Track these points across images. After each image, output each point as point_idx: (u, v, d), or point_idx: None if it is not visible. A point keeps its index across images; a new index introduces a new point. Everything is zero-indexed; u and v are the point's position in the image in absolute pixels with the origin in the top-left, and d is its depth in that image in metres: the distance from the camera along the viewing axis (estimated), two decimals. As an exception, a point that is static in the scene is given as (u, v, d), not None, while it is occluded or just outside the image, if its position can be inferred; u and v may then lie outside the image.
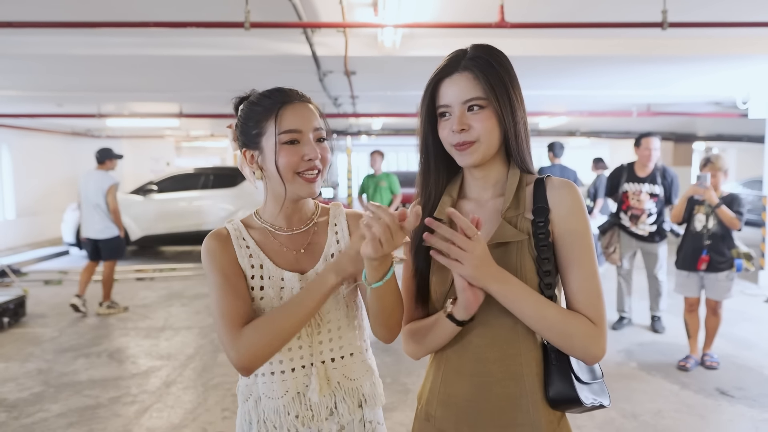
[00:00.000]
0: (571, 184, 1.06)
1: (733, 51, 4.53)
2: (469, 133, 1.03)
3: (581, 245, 1.02)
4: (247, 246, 1.16)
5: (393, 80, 6.19)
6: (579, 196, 1.05)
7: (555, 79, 6.04)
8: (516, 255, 1.02)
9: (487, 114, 1.03)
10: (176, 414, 3.27)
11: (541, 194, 1.05)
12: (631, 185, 4.62)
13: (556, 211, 1.03)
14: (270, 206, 1.19)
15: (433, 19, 4.11)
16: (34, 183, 10.63)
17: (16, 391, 3.62)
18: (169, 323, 5.21)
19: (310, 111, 1.13)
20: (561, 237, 1.03)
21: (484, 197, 1.11)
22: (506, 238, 1.03)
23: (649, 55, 4.60)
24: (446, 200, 1.12)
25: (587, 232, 1.03)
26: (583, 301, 1.01)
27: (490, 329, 1.04)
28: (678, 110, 8.87)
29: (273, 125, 1.09)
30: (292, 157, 1.09)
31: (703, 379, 3.73)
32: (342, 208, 1.26)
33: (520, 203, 1.05)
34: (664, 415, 3.21)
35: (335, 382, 1.15)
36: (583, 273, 1.01)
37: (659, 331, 4.72)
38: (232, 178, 8.78)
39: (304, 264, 1.18)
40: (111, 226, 5.49)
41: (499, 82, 1.03)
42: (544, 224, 1.03)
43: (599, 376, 1.08)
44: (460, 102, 1.03)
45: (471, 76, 1.03)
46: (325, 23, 3.87)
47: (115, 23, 3.68)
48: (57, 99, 7.59)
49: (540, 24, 3.67)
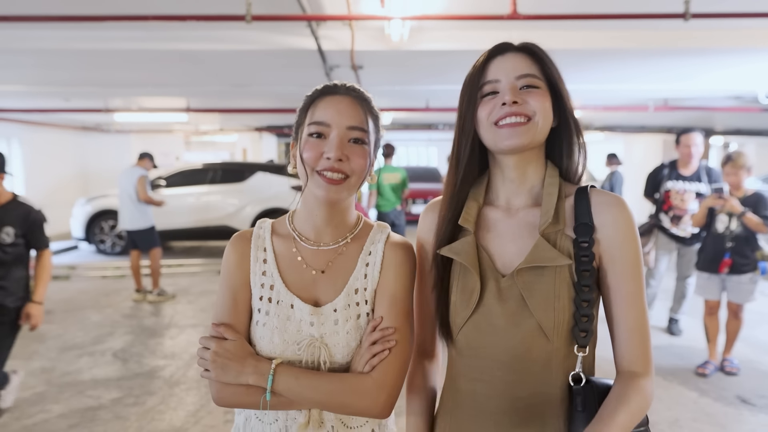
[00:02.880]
0: (623, 203, 0.92)
1: (759, 44, 4.34)
2: (522, 107, 0.89)
3: (636, 278, 0.90)
4: (264, 260, 1.05)
5: (401, 75, 6.06)
6: (633, 218, 0.91)
7: (569, 73, 5.82)
8: (554, 280, 0.88)
9: (542, 94, 0.91)
10: (178, 416, 3.22)
11: (584, 208, 0.91)
12: (676, 183, 4.42)
13: (604, 232, 0.90)
14: (302, 210, 1.07)
15: (442, 10, 3.97)
16: (44, 178, 10.68)
17: (19, 391, 3.58)
18: (175, 321, 5.16)
19: (350, 106, 1.00)
20: (610, 264, 0.90)
21: (515, 204, 0.97)
22: (545, 262, 0.88)
23: (669, 47, 4.42)
24: (472, 206, 0.97)
25: (640, 262, 0.91)
26: (638, 348, 0.90)
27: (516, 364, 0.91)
28: (696, 105, 8.63)
29: (307, 114, 1.02)
30: (311, 151, 0.98)
31: (723, 386, 3.60)
32: (387, 232, 1.08)
33: (560, 217, 0.91)
34: (682, 424, 3.09)
35: (329, 425, 1.02)
36: (636, 311, 0.90)
37: (676, 334, 4.60)
38: (240, 174, 8.73)
39: (321, 292, 1.03)
40: (140, 216, 5.84)
41: (555, 70, 0.94)
42: (588, 245, 0.88)
43: (644, 423, 0.94)
44: (514, 76, 0.91)
45: (526, 56, 0.93)
46: (330, 15, 3.76)
47: (116, 17, 3.61)
48: (64, 94, 7.59)
49: (554, 15, 3.53)
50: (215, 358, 0.97)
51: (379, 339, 0.98)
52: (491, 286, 0.91)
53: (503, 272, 0.93)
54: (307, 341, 1.00)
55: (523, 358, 0.89)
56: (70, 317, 5.28)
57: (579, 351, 0.90)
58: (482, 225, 0.97)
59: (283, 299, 1.03)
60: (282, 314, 1.02)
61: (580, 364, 0.90)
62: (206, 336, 1.02)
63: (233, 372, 0.96)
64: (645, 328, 0.91)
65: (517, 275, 0.90)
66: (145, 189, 5.82)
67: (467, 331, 0.93)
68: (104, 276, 7.20)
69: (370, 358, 0.97)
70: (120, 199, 5.94)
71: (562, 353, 0.90)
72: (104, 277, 7.17)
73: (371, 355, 0.97)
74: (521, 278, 0.89)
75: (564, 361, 0.90)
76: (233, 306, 1.03)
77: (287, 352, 1.00)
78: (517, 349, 0.89)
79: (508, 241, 0.95)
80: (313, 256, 1.05)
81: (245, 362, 0.97)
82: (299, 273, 1.04)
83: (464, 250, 0.93)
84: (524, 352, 0.89)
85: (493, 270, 0.93)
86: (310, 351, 0.99)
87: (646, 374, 0.90)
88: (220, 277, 1.08)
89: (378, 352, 0.97)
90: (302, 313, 1.01)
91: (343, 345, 1.00)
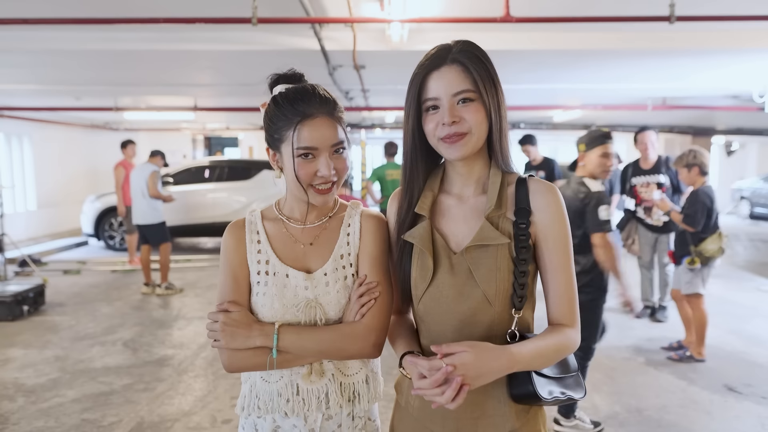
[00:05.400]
0: (555, 189, 1.08)
1: (746, 44, 4.45)
2: (460, 125, 1.03)
3: (564, 251, 1.07)
4: (258, 240, 1.21)
5: (402, 74, 6.14)
6: (562, 201, 1.08)
7: (566, 73, 5.98)
8: (495, 256, 1.04)
9: (477, 106, 1.03)
10: (187, 401, 3.36)
11: (523, 195, 1.07)
12: (638, 178, 4.82)
13: (539, 215, 1.06)
14: (289, 200, 1.24)
15: (440, 13, 4.11)
16: (55, 175, 10.85)
17: (34, 377, 3.74)
18: (183, 313, 5.32)
19: (329, 127, 1.13)
20: (544, 241, 1.07)
21: (466, 193, 1.12)
22: (488, 241, 1.04)
23: (659, 48, 4.54)
24: (428, 195, 1.13)
25: (569, 238, 1.08)
26: (566, 307, 1.08)
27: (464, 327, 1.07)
28: (695, 104, 8.70)
29: (291, 136, 1.12)
30: (305, 171, 1.13)
31: (712, 375, 3.71)
32: (360, 207, 1.26)
33: (503, 203, 1.07)
34: (669, 410, 3.21)
35: (329, 374, 1.17)
36: (564, 278, 1.07)
37: (661, 321, 4.90)
38: (246, 171, 8.87)
39: (312, 261, 1.20)
40: (151, 212, 6.03)
41: (487, 76, 1.04)
42: (525, 226, 1.05)
43: (573, 370, 1.11)
44: (450, 94, 1.03)
45: (460, 69, 1.03)
46: (332, 18, 3.90)
47: (126, 19, 3.76)
48: (75, 93, 7.74)
49: (545, 18, 3.66)
50: (224, 327, 1.12)
51: (365, 292, 1.16)
52: (444, 263, 1.08)
53: (455, 250, 1.08)
54: (304, 303, 1.16)
55: (470, 322, 1.06)
56: (82, 309, 5.45)
57: (515, 313, 1.06)
58: (438, 210, 1.14)
59: (278, 271, 1.19)
60: (279, 283, 1.17)
61: (516, 324, 1.06)
62: (213, 311, 1.18)
63: (241, 337, 1.12)
64: (572, 292, 1.08)
65: (465, 252, 1.06)
66: (155, 185, 6.00)
67: (425, 301, 1.10)
68: (114, 270, 7.37)
69: (359, 308, 1.15)
70: (132, 195, 6.16)
71: (502, 317, 1.06)
72: (114, 271, 7.34)
73: (360, 305, 1.15)
74: (469, 255, 1.06)
75: (503, 323, 1.06)
76: (234, 283, 1.19)
77: (287, 315, 1.16)
78: (464, 314, 1.06)
79: (460, 224, 1.11)
80: (300, 233, 1.22)
81: (251, 328, 1.13)
82: (290, 247, 1.21)
83: (420, 235, 1.10)
84: (471, 317, 1.06)
85: (446, 249, 1.09)
86: (307, 311, 1.16)
87: (572, 325, 1.08)
88: (220, 261, 1.23)
89: (365, 302, 1.15)
90: (297, 280, 1.18)
91: (335, 303, 1.17)
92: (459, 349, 0.94)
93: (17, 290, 5.16)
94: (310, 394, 1.16)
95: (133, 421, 3.10)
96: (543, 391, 1.02)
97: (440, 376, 0.91)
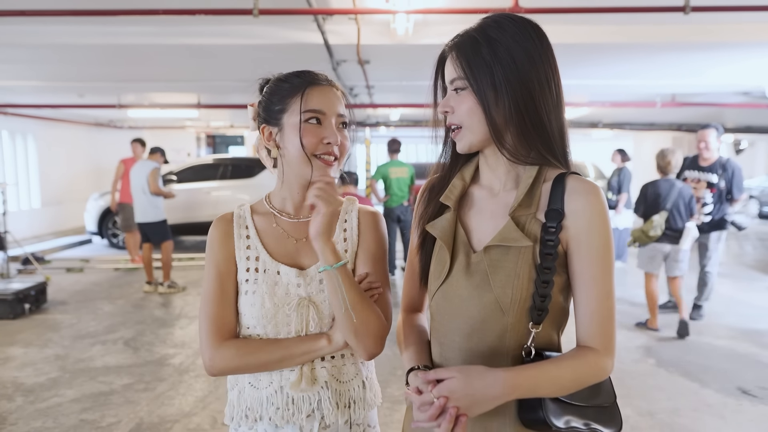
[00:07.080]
0: (596, 190, 0.94)
1: (760, 38, 4.34)
2: (451, 117, 0.97)
3: (602, 263, 0.93)
4: (247, 236, 1.14)
5: (408, 69, 6.11)
6: (604, 206, 0.94)
7: (573, 68, 5.88)
8: (516, 260, 0.93)
9: (465, 95, 0.95)
10: (187, 402, 3.30)
11: (558, 194, 0.94)
12: (692, 173, 4.78)
13: (573, 219, 0.93)
14: (281, 190, 1.16)
15: (446, 4, 4.02)
16: (59, 173, 10.86)
17: (34, 376, 3.69)
18: (185, 312, 5.26)
19: (336, 96, 1.12)
20: (576, 250, 0.93)
21: (497, 186, 1.02)
22: (509, 242, 0.93)
23: (672, 42, 4.45)
24: (457, 184, 1.03)
25: (609, 249, 0.93)
26: (596, 327, 0.94)
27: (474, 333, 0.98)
28: (704, 101, 8.58)
29: (298, 103, 1.08)
30: (312, 137, 1.07)
31: (725, 377, 3.62)
32: (357, 204, 1.21)
33: (534, 201, 0.95)
34: (682, 414, 3.12)
35: (322, 381, 1.10)
36: (597, 293, 0.93)
37: (696, 319, 4.84)
38: (249, 169, 8.83)
39: (304, 258, 1.13)
40: (152, 210, 5.97)
41: (480, 62, 0.93)
42: (555, 230, 0.93)
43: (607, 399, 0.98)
44: (449, 82, 0.98)
45: (453, 56, 0.98)
46: (336, 9, 3.82)
47: (126, 11, 3.70)
48: (78, 89, 7.72)
49: (556, 9, 3.56)
50: None
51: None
52: (461, 260, 0.98)
53: (476, 248, 0.98)
54: (297, 302, 1.09)
55: (480, 328, 0.95)
56: (83, 308, 5.40)
57: (533, 328, 0.93)
58: (467, 202, 1.04)
59: (269, 268, 1.12)
60: (270, 281, 1.10)
61: (532, 340, 0.94)
62: None
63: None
64: (607, 311, 0.94)
65: (485, 252, 0.96)
66: (156, 181, 5.94)
67: (438, 299, 1.01)
68: (116, 268, 7.34)
69: None
70: (133, 192, 6.08)
71: (516, 328, 0.94)
72: (116, 269, 7.31)
73: None
74: (489, 255, 0.95)
75: (518, 336, 0.94)
76: (221, 294, 1.12)
77: (279, 314, 1.08)
78: (474, 319, 0.96)
79: (487, 219, 1.00)
80: (293, 228, 1.15)
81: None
82: (282, 243, 1.14)
83: (442, 227, 1.01)
84: (481, 323, 0.95)
85: (466, 245, 0.99)
86: (300, 310, 1.08)
87: (604, 352, 0.94)
88: (206, 262, 1.16)
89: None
90: (289, 277, 1.11)
91: (329, 302, 1.09)
92: (446, 375, 0.86)
93: (19, 288, 5.12)
94: (301, 402, 1.09)
95: (132, 422, 3.04)
96: (557, 420, 0.90)
97: (434, 411, 0.85)
